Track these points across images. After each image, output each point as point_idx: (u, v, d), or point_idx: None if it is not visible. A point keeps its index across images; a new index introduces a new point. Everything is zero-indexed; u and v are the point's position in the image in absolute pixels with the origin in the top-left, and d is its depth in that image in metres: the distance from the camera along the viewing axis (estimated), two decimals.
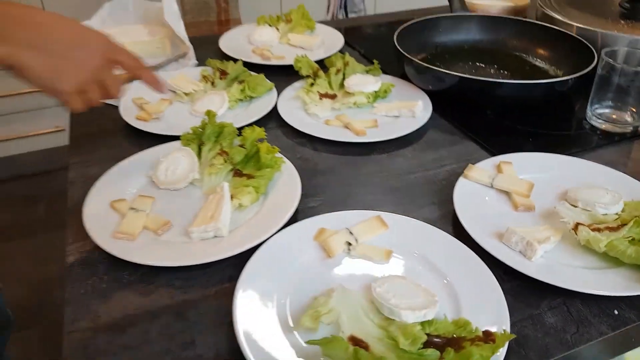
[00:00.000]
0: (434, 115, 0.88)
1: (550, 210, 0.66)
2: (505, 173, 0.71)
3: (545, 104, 0.93)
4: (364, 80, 0.93)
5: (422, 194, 0.71)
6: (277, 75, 0.98)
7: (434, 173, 0.76)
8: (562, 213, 0.62)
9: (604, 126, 0.86)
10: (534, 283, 0.55)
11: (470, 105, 0.91)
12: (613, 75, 0.83)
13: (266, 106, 0.89)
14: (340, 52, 1.09)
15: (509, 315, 0.50)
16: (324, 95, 0.92)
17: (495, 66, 1.06)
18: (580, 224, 0.60)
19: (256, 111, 0.88)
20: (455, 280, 0.55)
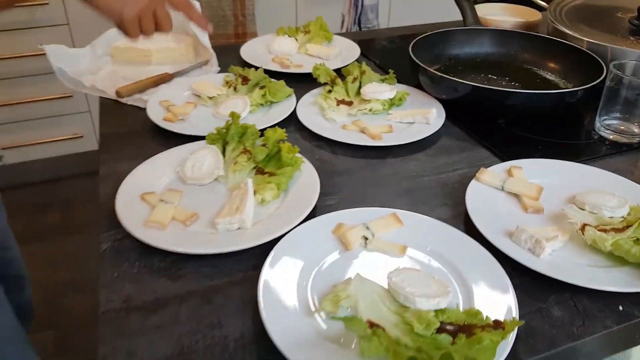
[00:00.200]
0: (447, 123, 0.92)
1: (559, 213, 0.68)
2: (515, 177, 0.74)
3: (556, 115, 0.96)
4: (379, 89, 0.96)
5: (435, 195, 0.74)
6: (296, 83, 1.02)
7: (447, 176, 0.79)
8: (570, 215, 0.65)
9: (612, 137, 0.89)
10: (541, 279, 0.58)
11: (482, 114, 0.95)
12: (621, 88, 0.86)
13: (286, 110, 0.93)
14: (357, 62, 1.13)
15: (518, 309, 0.53)
16: (341, 102, 0.96)
17: (507, 78, 1.09)
18: (587, 224, 0.63)
19: (276, 115, 0.92)
20: (467, 274, 0.58)
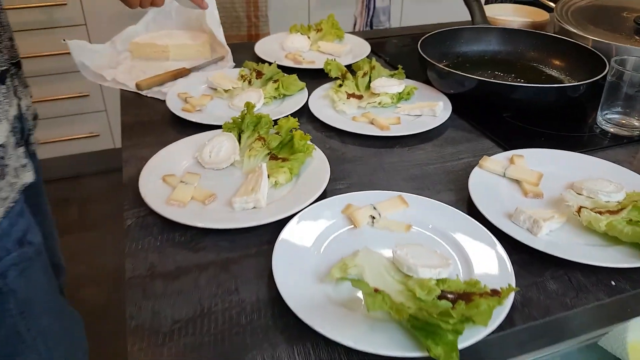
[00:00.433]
0: (454, 116, 0.96)
1: (558, 198, 0.72)
2: (517, 164, 0.77)
3: (560, 110, 1.00)
4: (389, 83, 1.00)
5: (440, 181, 0.78)
6: (308, 78, 1.07)
7: (452, 165, 0.83)
8: (567, 198, 0.69)
9: (613, 130, 0.92)
10: (539, 257, 0.62)
11: (488, 108, 0.98)
12: (622, 83, 0.89)
13: (298, 103, 0.98)
14: (367, 58, 1.17)
15: (515, 282, 0.57)
16: (351, 95, 1.00)
17: (513, 75, 1.12)
18: (583, 207, 0.66)
19: (289, 107, 0.97)
20: (468, 250, 0.61)
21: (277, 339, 0.52)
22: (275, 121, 0.86)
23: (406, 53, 1.30)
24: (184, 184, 0.71)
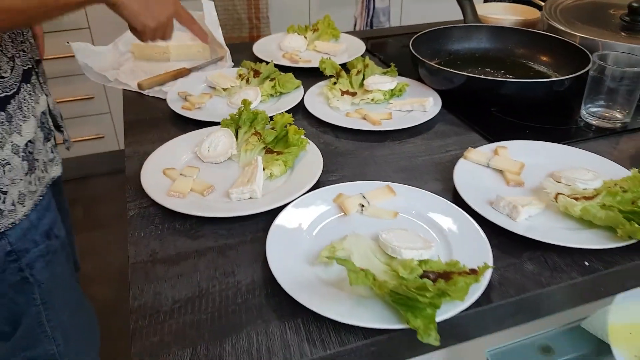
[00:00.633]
0: (443, 111, 1.00)
1: (538, 187, 0.76)
2: (500, 155, 0.81)
3: (547, 105, 1.03)
4: (381, 80, 1.04)
5: (428, 172, 0.82)
6: (304, 77, 1.11)
7: (439, 157, 0.86)
8: (546, 186, 0.72)
9: (596, 122, 0.96)
10: (517, 240, 0.65)
11: (477, 103, 1.02)
12: (604, 77, 0.93)
13: (294, 100, 1.02)
14: (361, 56, 1.21)
15: (493, 263, 0.61)
16: (345, 93, 1.04)
17: (502, 71, 1.16)
18: (560, 194, 0.70)
19: (285, 105, 1.01)
20: (450, 234, 0.65)
21: (270, 316, 0.56)
22: (271, 118, 0.90)
23: (401, 51, 1.34)
24: (184, 177, 0.75)
